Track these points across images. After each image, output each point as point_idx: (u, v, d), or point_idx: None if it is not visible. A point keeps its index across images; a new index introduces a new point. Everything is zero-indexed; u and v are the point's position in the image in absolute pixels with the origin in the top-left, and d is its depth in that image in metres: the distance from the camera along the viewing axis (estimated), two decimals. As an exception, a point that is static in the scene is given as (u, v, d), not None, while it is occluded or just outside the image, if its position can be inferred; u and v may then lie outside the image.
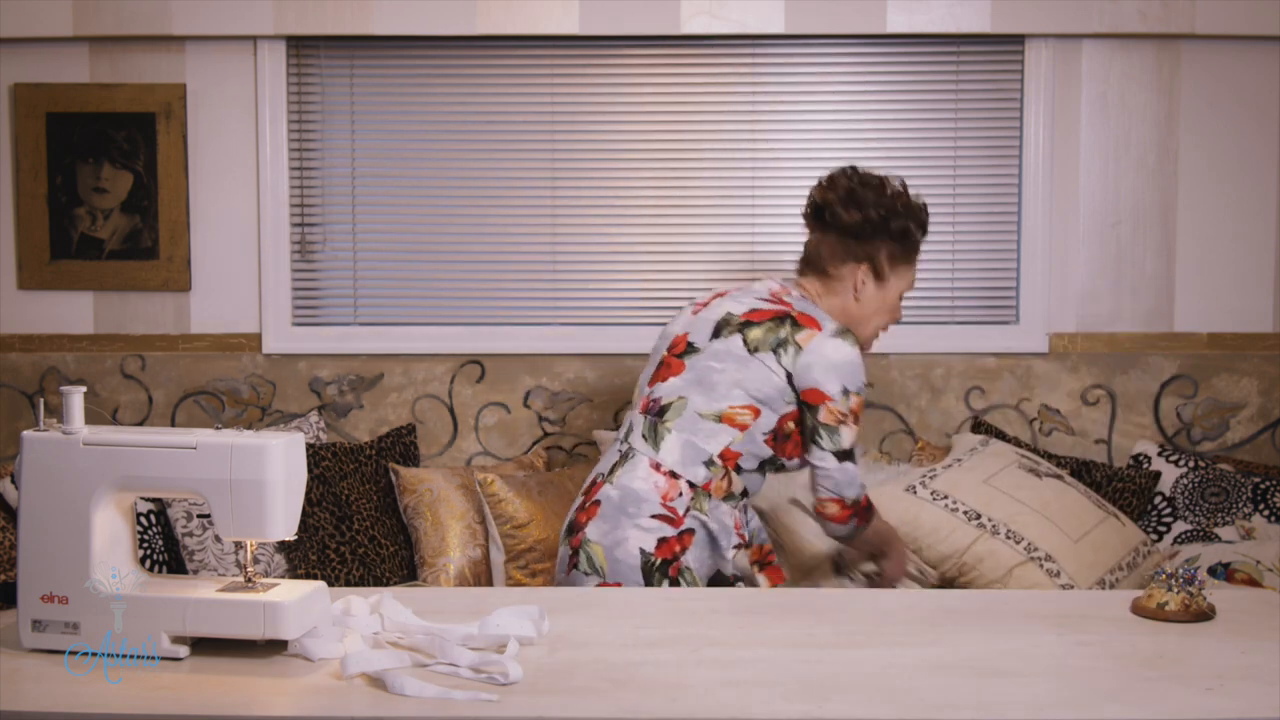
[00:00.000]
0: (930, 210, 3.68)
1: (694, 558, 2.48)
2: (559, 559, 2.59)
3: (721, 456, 2.51)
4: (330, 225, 3.77)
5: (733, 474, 2.53)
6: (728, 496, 2.53)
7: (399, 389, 3.75)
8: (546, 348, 3.73)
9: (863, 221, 2.62)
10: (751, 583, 2.63)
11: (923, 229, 2.70)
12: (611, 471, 2.56)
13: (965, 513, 3.13)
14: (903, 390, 3.72)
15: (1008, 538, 3.07)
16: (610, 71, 3.70)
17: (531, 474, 3.50)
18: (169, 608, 1.72)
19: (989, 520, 3.11)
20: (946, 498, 3.17)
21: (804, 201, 2.75)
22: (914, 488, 3.22)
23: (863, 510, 2.60)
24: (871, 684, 1.67)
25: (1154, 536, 3.45)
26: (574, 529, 2.55)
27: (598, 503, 2.53)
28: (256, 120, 3.70)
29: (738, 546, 2.54)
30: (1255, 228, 3.70)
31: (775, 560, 2.72)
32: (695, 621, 1.96)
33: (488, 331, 3.75)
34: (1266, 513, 3.37)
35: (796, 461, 2.59)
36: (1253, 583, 3.05)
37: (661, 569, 2.45)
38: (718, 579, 2.55)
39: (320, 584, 1.79)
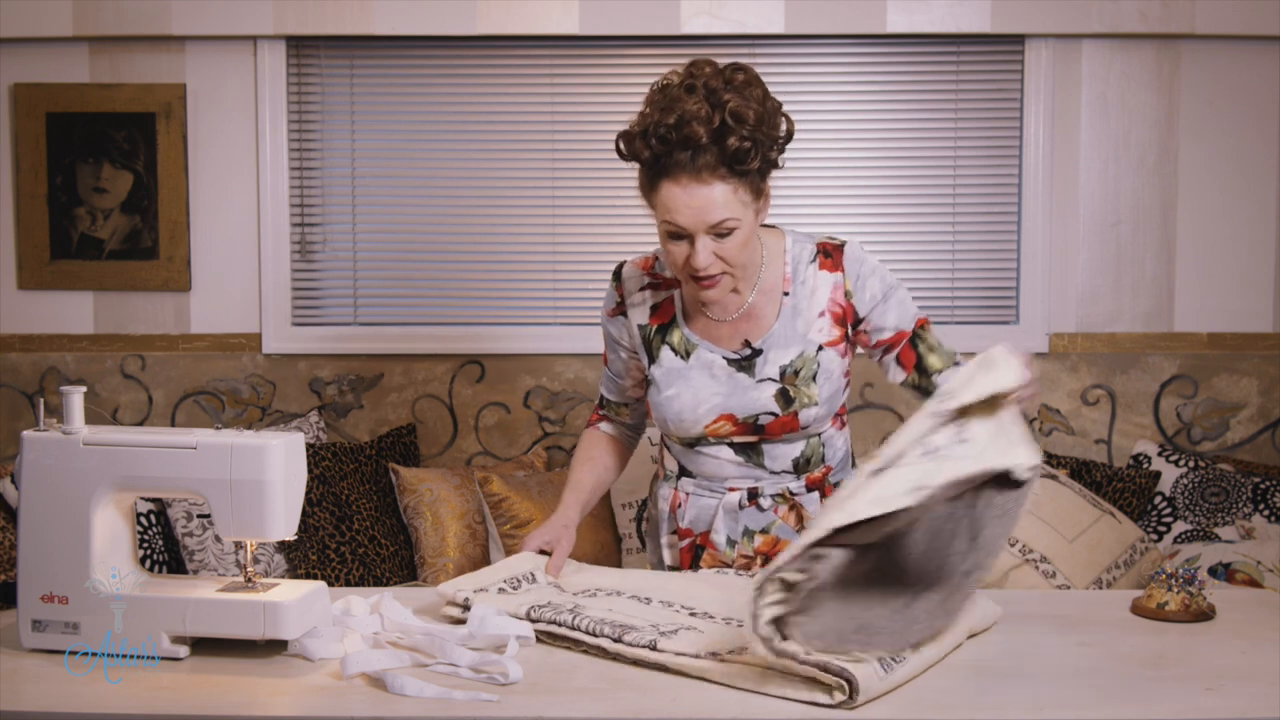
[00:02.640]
0: (930, 210, 3.75)
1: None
2: None
3: None
4: (330, 225, 3.77)
5: (664, 448, 2.28)
6: (666, 477, 2.27)
7: (399, 389, 3.75)
8: (546, 348, 3.73)
9: None
10: None
11: (640, 140, 1.94)
12: None
13: (961, 516, 3.12)
14: (903, 390, 3.70)
15: (1005, 539, 3.07)
16: (610, 71, 3.70)
17: (531, 474, 3.50)
18: (169, 608, 1.72)
19: (986, 522, 3.10)
20: (942, 502, 3.16)
21: (804, 201, 2.72)
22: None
23: None
24: (871, 684, 1.67)
25: (1154, 536, 3.44)
26: None
27: None
28: (256, 120, 3.69)
29: (673, 533, 2.23)
30: (1255, 228, 3.70)
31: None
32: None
33: (488, 331, 3.75)
34: (1266, 513, 3.37)
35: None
36: (1253, 583, 3.05)
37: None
38: None
39: (320, 584, 1.79)
